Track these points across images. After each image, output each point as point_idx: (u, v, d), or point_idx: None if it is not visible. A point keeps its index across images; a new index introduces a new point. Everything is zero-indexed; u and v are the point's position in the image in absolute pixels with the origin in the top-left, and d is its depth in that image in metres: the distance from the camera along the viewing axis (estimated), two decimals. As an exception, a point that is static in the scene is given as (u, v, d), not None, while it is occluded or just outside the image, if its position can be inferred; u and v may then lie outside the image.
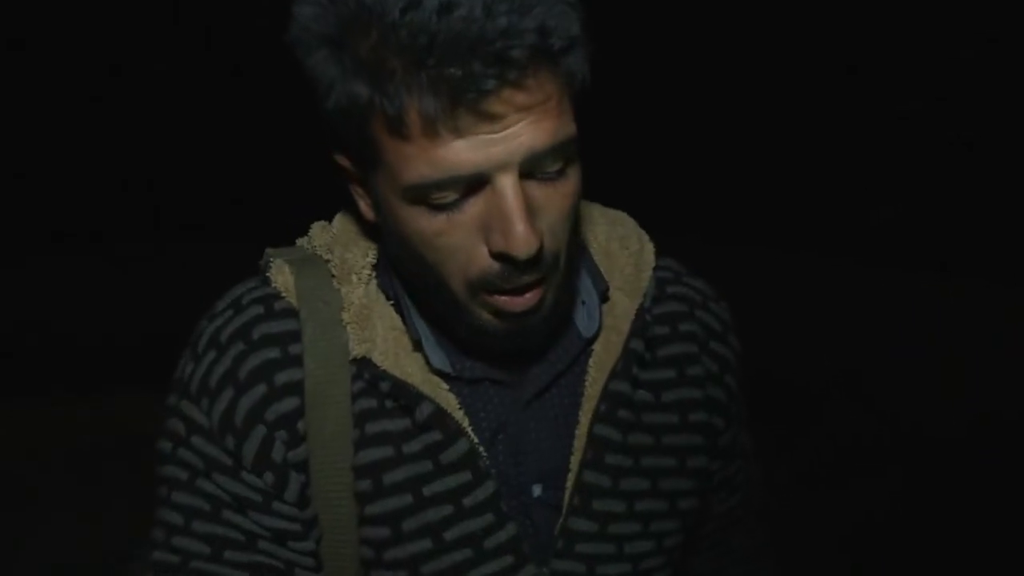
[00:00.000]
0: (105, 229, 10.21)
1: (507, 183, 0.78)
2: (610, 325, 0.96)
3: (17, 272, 8.42)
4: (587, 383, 0.95)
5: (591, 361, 0.96)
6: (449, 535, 0.90)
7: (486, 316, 0.86)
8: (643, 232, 1.02)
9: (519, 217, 0.78)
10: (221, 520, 0.89)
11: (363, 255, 0.93)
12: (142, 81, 11.49)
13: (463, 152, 0.76)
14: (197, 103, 11.53)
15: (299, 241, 0.99)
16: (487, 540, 0.91)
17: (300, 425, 0.89)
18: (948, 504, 3.92)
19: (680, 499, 0.99)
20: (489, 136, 0.75)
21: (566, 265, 0.87)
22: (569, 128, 0.80)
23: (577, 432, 0.94)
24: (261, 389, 0.89)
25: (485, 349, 0.92)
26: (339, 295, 0.91)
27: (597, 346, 0.96)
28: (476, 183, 0.79)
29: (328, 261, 0.93)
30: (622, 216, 1.04)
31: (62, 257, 9.22)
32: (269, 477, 0.89)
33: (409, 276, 0.90)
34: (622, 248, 0.99)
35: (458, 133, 0.75)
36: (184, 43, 11.56)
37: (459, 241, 0.82)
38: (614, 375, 0.94)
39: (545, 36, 0.74)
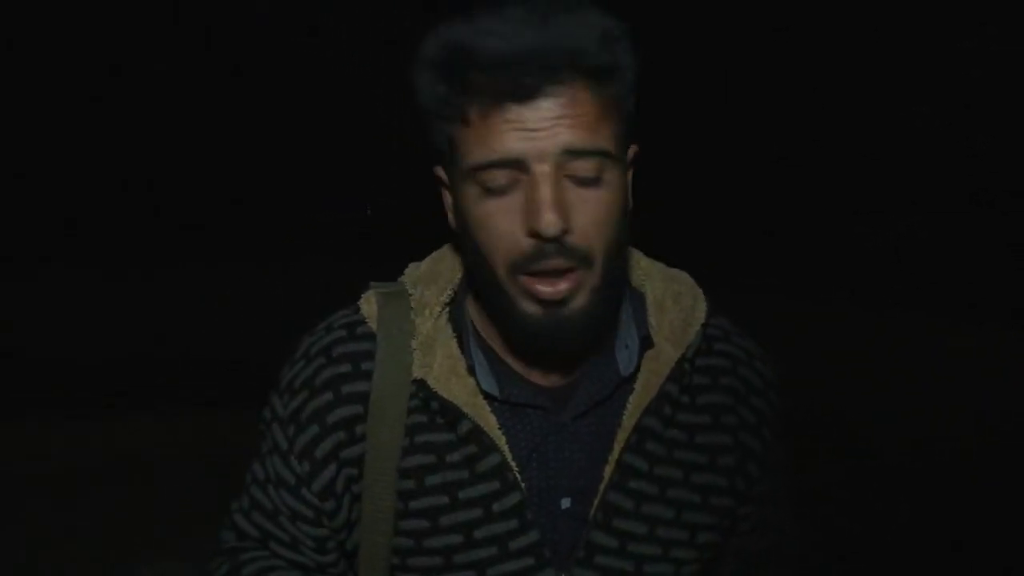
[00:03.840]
0: (104, 243, 10.20)
1: (542, 170, 0.94)
2: (652, 369, 1.07)
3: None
4: (624, 416, 1.06)
5: (630, 398, 1.07)
6: (478, 533, 1.03)
7: (525, 303, 0.98)
8: (699, 292, 1.13)
9: (547, 199, 0.93)
10: (264, 490, 1.09)
11: (439, 293, 1.08)
12: (143, 81, 11.50)
13: (509, 141, 0.93)
14: (199, 103, 11.55)
15: (402, 277, 1.14)
16: (511, 542, 1.03)
17: (359, 428, 1.05)
18: (926, 532, 3.94)
19: (701, 532, 1.09)
20: (531, 131, 0.93)
21: (604, 274, 0.99)
22: (604, 142, 0.96)
23: (609, 457, 1.05)
24: (328, 396, 1.06)
25: (531, 358, 1.05)
26: (414, 325, 1.07)
27: (637, 385, 1.07)
28: (518, 169, 0.94)
29: (411, 295, 1.09)
30: (681, 275, 1.15)
31: (54, 273, 9.10)
32: (306, 466, 1.06)
33: (474, 269, 1.04)
34: (675, 304, 1.11)
35: (508, 125, 0.93)
36: (184, 43, 11.55)
37: (505, 226, 0.96)
38: (647, 412, 1.06)
39: (576, 57, 0.93)
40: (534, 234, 0.95)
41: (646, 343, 1.08)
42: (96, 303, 8.33)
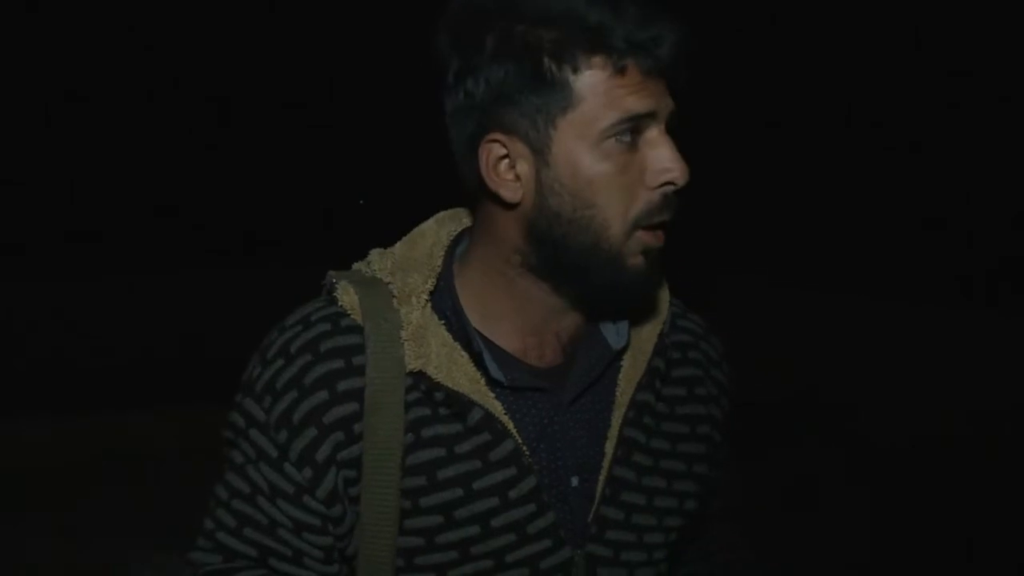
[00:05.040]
0: (103, 244, 10.18)
1: (662, 128, 1.01)
2: (636, 346, 1.11)
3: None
4: (617, 392, 1.10)
5: (620, 374, 1.10)
6: (496, 522, 1.03)
7: (633, 259, 1.02)
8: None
9: (676, 151, 1.01)
10: (253, 503, 1.03)
11: (423, 281, 1.06)
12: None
13: (649, 96, 0.99)
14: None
15: (355, 265, 1.11)
16: (529, 526, 1.04)
17: (356, 427, 1.01)
18: (918, 518, 4.03)
19: (687, 499, 1.14)
20: (660, 88, 1.01)
21: None
22: None
23: (609, 433, 1.08)
24: (323, 395, 1.01)
25: (599, 314, 1.09)
26: (398, 315, 1.04)
27: (625, 362, 1.11)
28: (644, 125, 1.00)
29: (389, 284, 1.06)
30: None
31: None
32: (308, 472, 1.01)
33: (567, 237, 1.02)
34: None
35: (642, 86, 0.99)
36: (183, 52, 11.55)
37: (628, 181, 1.00)
38: (640, 387, 1.09)
39: (690, 35, 1.00)
40: (666, 184, 1.01)
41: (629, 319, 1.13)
42: (96, 304, 8.33)
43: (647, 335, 1.12)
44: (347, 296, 1.05)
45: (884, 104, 9.86)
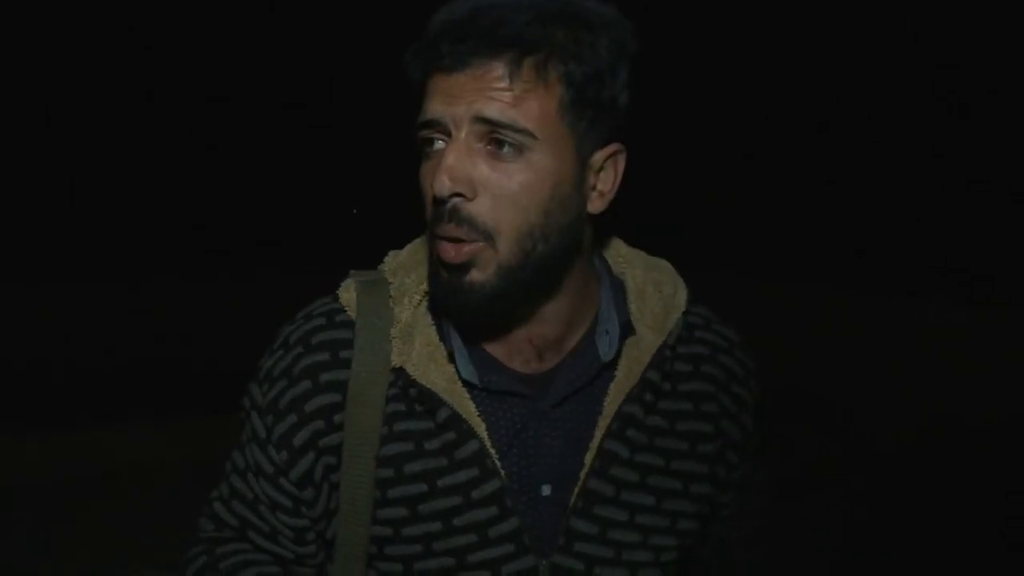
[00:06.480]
0: (102, 250, 10.17)
1: (456, 136, 0.96)
2: (634, 356, 1.08)
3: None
4: (605, 403, 1.07)
5: (612, 385, 1.07)
6: (457, 521, 1.03)
7: (438, 266, 1.01)
8: (680, 280, 1.14)
9: (445, 162, 0.95)
10: (244, 478, 1.09)
11: (419, 282, 1.08)
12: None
13: (435, 104, 0.97)
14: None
15: (381, 265, 1.14)
16: (491, 529, 1.04)
17: (337, 417, 1.04)
18: (905, 511, 4.03)
19: (682, 519, 1.10)
20: (452, 97, 0.96)
21: (514, 255, 0.98)
22: (524, 119, 0.95)
23: (590, 444, 1.06)
24: (306, 384, 1.05)
25: (474, 333, 1.06)
26: (392, 313, 1.07)
27: (619, 372, 1.07)
28: (446, 133, 0.97)
29: (390, 284, 1.08)
30: (663, 264, 1.16)
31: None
32: (284, 455, 1.05)
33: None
34: (655, 291, 1.12)
35: (436, 90, 0.97)
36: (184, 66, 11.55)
37: (427, 187, 1.00)
38: (629, 399, 1.06)
39: (495, 29, 0.95)
40: (432, 196, 0.98)
41: (627, 330, 1.08)
42: (96, 304, 8.34)
43: (647, 347, 1.09)
44: (346, 294, 1.09)
45: (874, 98, 9.88)
